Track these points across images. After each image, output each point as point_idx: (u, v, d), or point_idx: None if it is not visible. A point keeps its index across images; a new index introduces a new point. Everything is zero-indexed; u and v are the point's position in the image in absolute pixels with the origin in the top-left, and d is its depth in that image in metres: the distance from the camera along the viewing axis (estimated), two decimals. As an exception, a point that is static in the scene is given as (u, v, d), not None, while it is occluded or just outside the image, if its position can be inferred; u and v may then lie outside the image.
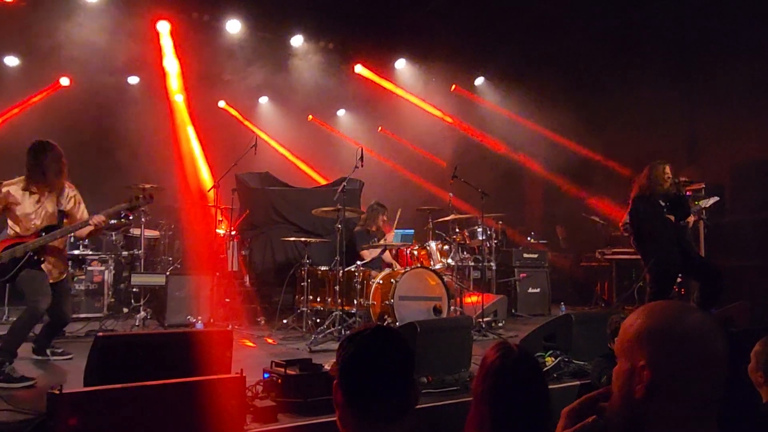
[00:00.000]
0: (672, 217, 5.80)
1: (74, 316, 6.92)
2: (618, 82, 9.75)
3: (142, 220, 6.74)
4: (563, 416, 1.44)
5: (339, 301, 6.26)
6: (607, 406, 1.31)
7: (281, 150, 11.85)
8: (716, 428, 1.21)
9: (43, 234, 4.51)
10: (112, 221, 7.04)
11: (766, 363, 2.57)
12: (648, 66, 9.52)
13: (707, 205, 6.91)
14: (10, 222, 4.61)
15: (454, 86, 11.29)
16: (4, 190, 4.53)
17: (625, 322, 1.32)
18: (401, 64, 10.71)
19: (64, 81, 9.81)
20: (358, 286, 6.43)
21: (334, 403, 1.60)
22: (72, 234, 4.84)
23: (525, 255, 9.00)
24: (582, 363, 4.54)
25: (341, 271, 6.35)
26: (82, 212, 4.82)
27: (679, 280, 7.16)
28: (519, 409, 1.92)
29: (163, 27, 8.74)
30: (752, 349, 2.70)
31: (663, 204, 5.81)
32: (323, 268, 6.98)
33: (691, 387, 1.19)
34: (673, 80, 9.65)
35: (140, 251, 7.18)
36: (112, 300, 7.31)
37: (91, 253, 7.37)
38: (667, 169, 5.83)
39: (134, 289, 6.91)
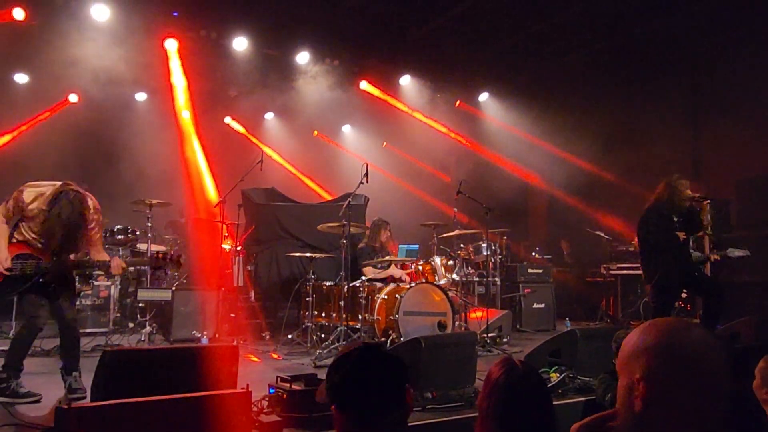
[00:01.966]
0: (681, 234, 5.76)
1: (80, 331, 6.96)
2: (623, 98, 9.80)
3: (149, 235, 6.78)
4: None
5: (344, 316, 6.27)
6: (616, 424, 1.33)
7: (287, 166, 11.93)
8: None
9: (55, 258, 4.27)
10: (119, 236, 7.11)
11: (771, 379, 2.57)
12: (653, 82, 9.58)
13: (734, 255, 6.86)
14: (22, 226, 4.28)
15: (458, 102, 11.37)
16: (24, 195, 4.24)
17: (625, 339, 1.34)
18: (406, 81, 10.80)
19: (73, 97, 9.93)
20: (363, 302, 6.44)
21: (336, 424, 1.64)
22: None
23: (530, 270, 9.01)
24: (587, 379, 4.53)
25: (346, 287, 6.37)
26: (100, 244, 4.51)
27: (684, 295, 7.14)
28: (525, 424, 1.93)
29: (171, 45, 8.85)
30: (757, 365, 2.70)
31: (675, 219, 5.78)
32: (328, 283, 7.00)
33: (687, 401, 1.21)
34: (679, 96, 9.71)
35: (147, 266, 7.23)
36: (118, 315, 7.34)
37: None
38: (686, 182, 5.81)
39: (140, 304, 6.93)
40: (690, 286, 6.14)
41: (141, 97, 10.48)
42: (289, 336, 6.94)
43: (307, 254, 6.94)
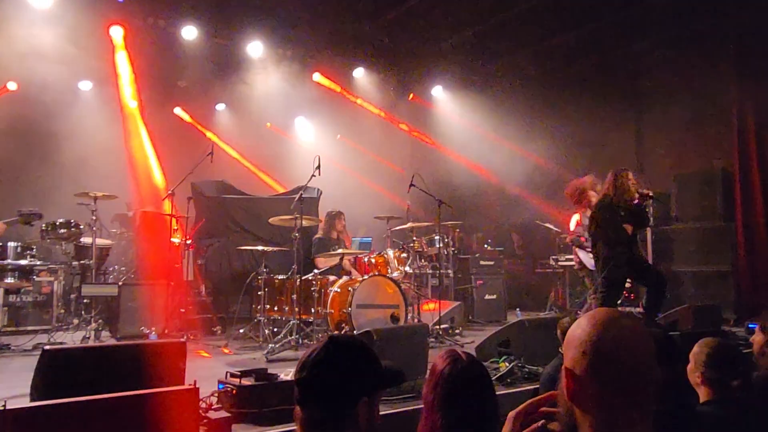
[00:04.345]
0: (629, 227, 5.90)
1: (21, 328, 6.72)
2: (571, 96, 10.05)
3: (94, 229, 6.56)
4: (509, 420, 1.49)
5: (296, 309, 6.23)
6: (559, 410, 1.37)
7: (238, 158, 11.72)
8: (649, 429, 1.26)
9: None
10: (62, 230, 6.82)
11: (704, 364, 2.69)
12: (599, 80, 9.87)
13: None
14: None
15: (411, 95, 11.40)
16: None
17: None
18: (359, 73, 10.77)
19: (12, 86, 9.48)
20: (316, 295, 6.43)
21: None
22: None
23: (482, 262, 9.13)
24: (535, 368, 4.64)
25: (298, 280, 6.33)
26: None
27: (627, 285, 7.37)
28: (469, 415, 1.97)
29: (117, 32, 8.56)
30: (692, 351, 2.82)
31: (622, 213, 5.91)
32: (281, 276, 6.94)
33: (608, 389, 1.24)
34: (623, 95, 10.05)
35: (91, 261, 6.99)
36: (62, 311, 7.09)
37: (39, 263, 7.14)
38: (631, 176, 5.92)
39: (85, 300, 6.72)
40: (635, 276, 6.34)
41: (86, 86, 10.10)
42: (241, 330, 6.87)
43: (259, 248, 6.86)
